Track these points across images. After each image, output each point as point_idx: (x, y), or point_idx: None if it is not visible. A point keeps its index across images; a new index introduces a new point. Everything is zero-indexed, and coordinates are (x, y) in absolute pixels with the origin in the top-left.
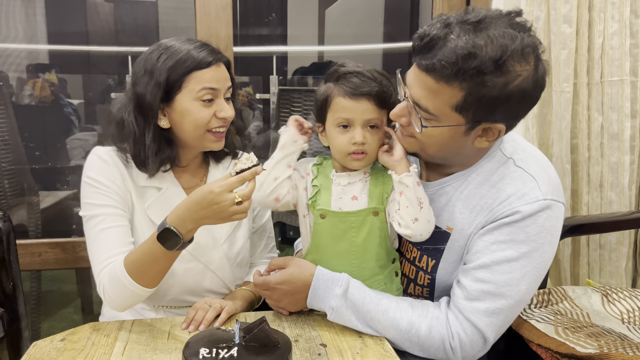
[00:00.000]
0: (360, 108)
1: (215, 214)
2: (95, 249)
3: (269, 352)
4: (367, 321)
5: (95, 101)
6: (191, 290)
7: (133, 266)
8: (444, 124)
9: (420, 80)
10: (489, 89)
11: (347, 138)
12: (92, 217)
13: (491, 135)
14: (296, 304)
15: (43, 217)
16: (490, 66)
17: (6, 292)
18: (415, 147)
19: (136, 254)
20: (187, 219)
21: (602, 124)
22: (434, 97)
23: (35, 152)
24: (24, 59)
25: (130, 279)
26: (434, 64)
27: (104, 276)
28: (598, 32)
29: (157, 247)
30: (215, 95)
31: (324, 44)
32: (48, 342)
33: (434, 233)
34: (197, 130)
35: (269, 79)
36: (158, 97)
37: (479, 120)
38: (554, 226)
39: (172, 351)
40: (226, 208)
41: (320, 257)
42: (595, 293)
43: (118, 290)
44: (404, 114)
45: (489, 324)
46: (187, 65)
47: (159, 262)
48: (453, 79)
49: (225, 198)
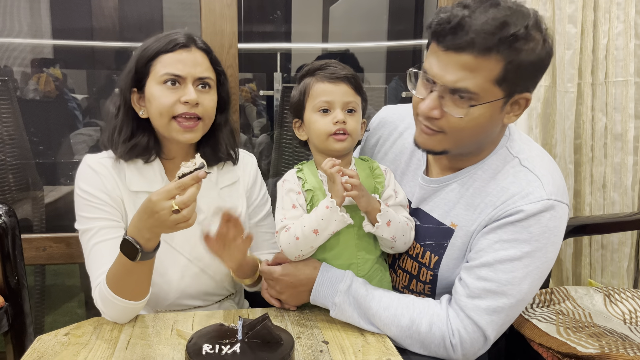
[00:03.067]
0: (339, 90)
1: (160, 223)
2: (91, 264)
3: (272, 349)
4: (369, 318)
5: (99, 96)
6: (189, 294)
7: (112, 282)
8: (485, 100)
9: (455, 62)
10: (524, 55)
11: (329, 119)
12: (85, 231)
13: (518, 108)
14: (297, 297)
15: (47, 211)
16: (523, 32)
17: (11, 286)
18: (446, 143)
19: (112, 269)
20: (141, 227)
21: (606, 124)
22: (474, 75)
23: (39, 147)
24: (28, 53)
25: (114, 294)
26: (473, 39)
27: (96, 293)
28: (603, 32)
29: (124, 259)
30: (180, 81)
31: (328, 41)
32: (52, 337)
33: (438, 229)
34: (162, 117)
35: (272, 75)
36: (128, 83)
37: (514, 91)
38: (557, 227)
39: (176, 346)
40: (165, 217)
41: (327, 255)
42: (598, 293)
43: (109, 307)
44: (436, 106)
45: (490, 322)
46: (153, 48)
47: (133, 274)
48: (492, 51)
49: (162, 207)
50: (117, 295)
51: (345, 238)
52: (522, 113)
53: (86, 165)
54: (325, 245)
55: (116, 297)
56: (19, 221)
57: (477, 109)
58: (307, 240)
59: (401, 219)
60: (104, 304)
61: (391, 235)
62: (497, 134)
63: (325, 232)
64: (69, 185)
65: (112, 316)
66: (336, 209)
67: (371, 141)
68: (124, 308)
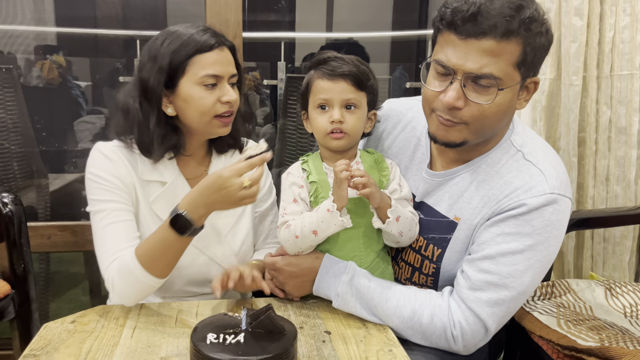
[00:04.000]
0: (337, 88)
1: (225, 199)
2: (102, 244)
3: (275, 339)
4: (371, 309)
5: (102, 84)
6: (197, 281)
7: (145, 256)
8: (508, 85)
9: (477, 48)
10: (538, 37)
11: (326, 118)
12: (97, 212)
13: (527, 93)
14: (300, 287)
15: (52, 199)
16: (536, 14)
17: (17, 273)
18: (466, 134)
19: (148, 243)
20: (199, 204)
21: (611, 117)
22: (497, 59)
23: (43, 134)
24: (32, 40)
25: (143, 269)
26: (495, 23)
27: (113, 270)
28: (609, 25)
29: (170, 234)
30: (218, 81)
31: (332, 31)
32: (59, 324)
33: (442, 222)
34: (202, 117)
35: (276, 65)
36: (161, 81)
37: (528, 74)
38: (560, 220)
39: (180, 335)
40: (235, 192)
41: (330, 247)
42: (599, 286)
43: (129, 283)
44: (460, 96)
45: (491, 314)
46: (189, 48)
47: (172, 249)
48: (513, 34)
49: (233, 183)
50: (145, 271)
51: (349, 231)
52: (530, 98)
53: (98, 151)
54: (328, 237)
55: (144, 272)
56: (24, 209)
57: (502, 93)
58: (306, 240)
59: (407, 214)
60: (124, 280)
61: (399, 231)
62: (509, 121)
63: (324, 233)
64: (74, 173)
65: (125, 294)
66: (336, 213)
67: (375, 134)
68: (144, 286)
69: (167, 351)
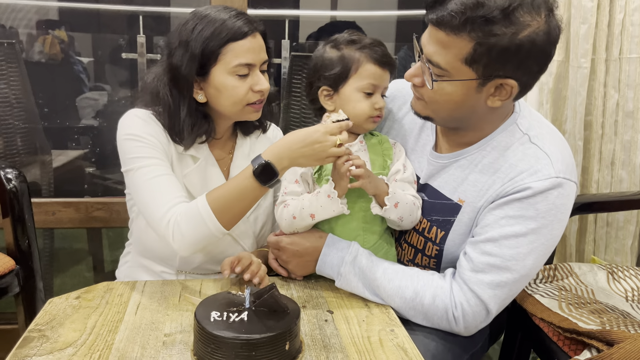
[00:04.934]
0: (385, 76)
1: (315, 153)
2: (153, 194)
3: (278, 317)
4: (374, 289)
5: (104, 60)
6: (217, 259)
7: (219, 202)
8: (455, 78)
9: (432, 35)
10: (497, 39)
11: (370, 103)
12: (140, 168)
13: (504, 93)
14: (304, 266)
15: (55, 176)
16: (498, 14)
17: (22, 249)
18: (428, 111)
19: (223, 190)
20: (284, 156)
21: (618, 101)
22: (445, 51)
23: (44, 110)
24: (34, 14)
25: (213, 215)
26: (444, 16)
27: (177, 213)
28: (619, 7)
29: (250, 182)
30: (250, 69)
31: (336, 9)
32: (63, 300)
33: (446, 205)
34: (235, 106)
35: (280, 43)
36: (194, 69)
37: (490, 74)
38: (564, 204)
39: (184, 313)
40: (327, 148)
41: (332, 226)
42: (601, 270)
43: (195, 227)
44: (417, 74)
45: (493, 296)
46: (222, 36)
47: (247, 199)
48: (462, 30)
49: (328, 139)
50: (215, 218)
51: (351, 212)
52: (509, 99)
53: (134, 115)
54: (331, 218)
55: (214, 219)
56: (28, 185)
57: (447, 85)
58: (303, 222)
59: (408, 199)
60: (190, 224)
61: (398, 216)
62: (487, 114)
63: (321, 217)
64: (76, 149)
65: (187, 239)
66: (337, 200)
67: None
68: (209, 234)
69: (170, 328)
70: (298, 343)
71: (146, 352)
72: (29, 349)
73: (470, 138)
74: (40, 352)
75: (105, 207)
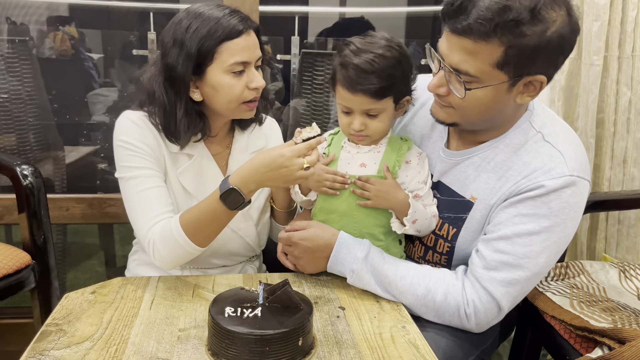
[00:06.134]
0: (357, 100)
1: (281, 177)
2: (139, 208)
3: (291, 313)
4: (385, 286)
5: (115, 56)
6: (219, 253)
7: (190, 225)
8: (486, 83)
9: (457, 45)
10: (528, 39)
11: (348, 121)
12: (130, 179)
13: (533, 89)
14: (315, 263)
15: (68, 171)
16: (527, 16)
17: (37, 244)
18: (455, 117)
19: (193, 213)
20: (251, 180)
21: (630, 98)
22: (474, 59)
23: (55, 105)
24: (44, 10)
25: (186, 237)
26: (470, 25)
27: (155, 234)
28: (632, 4)
29: (218, 206)
30: (245, 67)
31: (346, 5)
32: (79, 294)
33: (458, 202)
34: (230, 104)
35: (289, 39)
36: (190, 69)
37: (521, 74)
38: (577, 203)
39: (198, 308)
40: (294, 172)
41: (327, 218)
42: (613, 268)
43: (171, 249)
44: (442, 84)
45: (505, 293)
46: (218, 35)
47: (218, 221)
48: (492, 36)
49: (294, 162)
50: (189, 239)
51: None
52: (537, 94)
53: (127, 119)
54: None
55: (187, 240)
56: (44, 181)
57: (478, 91)
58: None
59: (428, 213)
60: (166, 246)
61: (416, 230)
62: (513, 111)
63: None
64: (88, 145)
65: (166, 259)
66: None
67: None
68: (186, 252)
69: (185, 323)
70: (311, 339)
71: (161, 347)
72: (46, 343)
73: (485, 136)
74: (57, 346)
75: (117, 203)
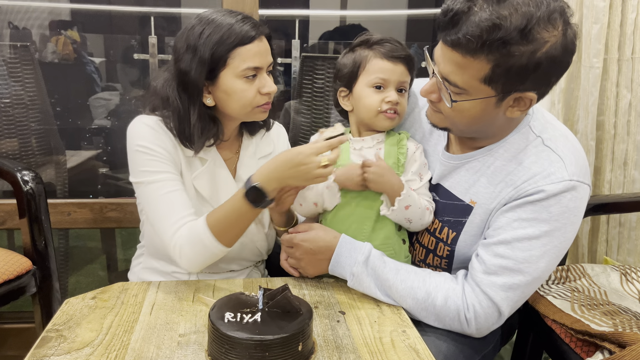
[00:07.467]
0: (397, 70)
1: (300, 175)
2: (162, 212)
3: (291, 318)
4: (386, 289)
5: (116, 60)
6: (230, 258)
7: (217, 226)
8: (474, 97)
9: (447, 55)
10: (516, 59)
11: (381, 97)
12: (151, 183)
13: (523, 104)
14: (316, 265)
15: (70, 176)
16: (516, 36)
17: (39, 249)
18: (446, 123)
19: (220, 213)
20: (273, 178)
21: (631, 101)
22: (462, 72)
23: (57, 109)
24: (47, 15)
25: (213, 238)
26: (459, 39)
27: (181, 237)
28: (632, 6)
29: (243, 205)
30: (258, 72)
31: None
32: (80, 300)
33: (457, 206)
34: (244, 108)
35: (290, 43)
36: (203, 74)
37: (509, 90)
38: (577, 207)
39: (198, 313)
40: (312, 170)
41: (337, 219)
42: (615, 272)
43: (198, 251)
44: (433, 90)
45: (505, 298)
46: (230, 40)
47: (243, 220)
48: (479, 52)
49: (312, 160)
50: (216, 240)
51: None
52: (528, 109)
53: (143, 123)
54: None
55: (214, 241)
56: (45, 186)
57: (466, 103)
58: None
59: (422, 204)
60: (193, 248)
61: (406, 218)
62: (506, 123)
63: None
64: (89, 150)
65: (193, 261)
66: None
67: None
68: (212, 254)
69: (185, 328)
70: (311, 344)
71: (161, 352)
72: (47, 349)
73: (484, 141)
74: (58, 352)
75: (119, 207)
